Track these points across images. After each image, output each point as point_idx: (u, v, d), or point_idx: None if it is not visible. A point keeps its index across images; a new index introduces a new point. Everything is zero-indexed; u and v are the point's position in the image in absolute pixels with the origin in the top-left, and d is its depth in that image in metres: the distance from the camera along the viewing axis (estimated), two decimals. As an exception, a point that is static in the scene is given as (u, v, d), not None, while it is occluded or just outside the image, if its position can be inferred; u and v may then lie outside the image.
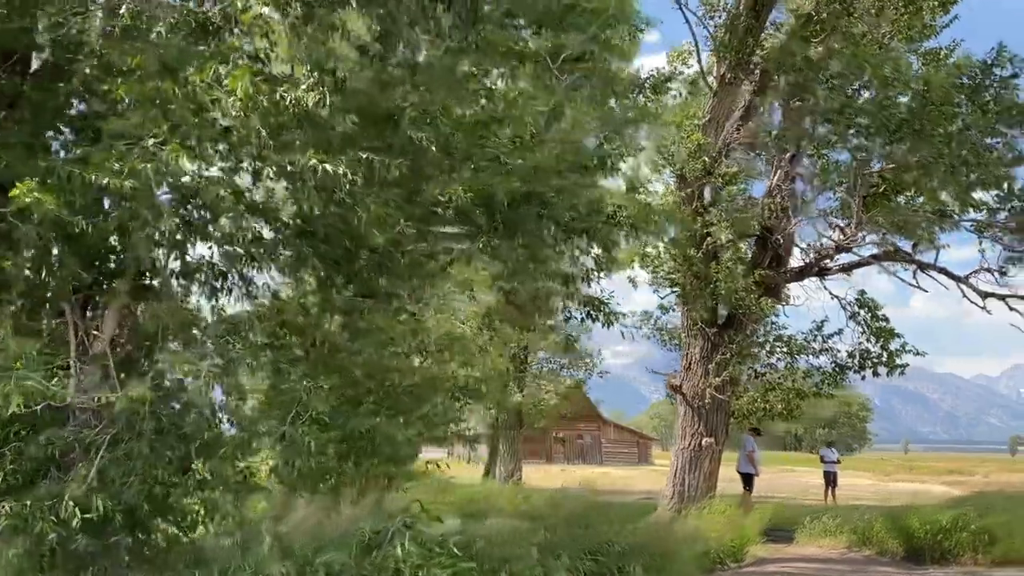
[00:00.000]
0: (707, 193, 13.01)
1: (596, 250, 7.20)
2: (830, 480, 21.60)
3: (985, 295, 10.93)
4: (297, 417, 6.60)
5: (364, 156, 5.58)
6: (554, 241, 6.47)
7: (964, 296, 11.06)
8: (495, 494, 16.81)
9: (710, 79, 12.76)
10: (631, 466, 58.91)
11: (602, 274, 7.36)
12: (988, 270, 10.91)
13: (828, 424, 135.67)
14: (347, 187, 5.79)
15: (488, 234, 6.25)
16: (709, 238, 12.03)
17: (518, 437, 16.71)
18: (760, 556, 10.41)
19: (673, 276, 12.27)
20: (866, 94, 10.19)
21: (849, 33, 10.81)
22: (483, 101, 6.43)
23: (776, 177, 12.24)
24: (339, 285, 7.09)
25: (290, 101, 4.62)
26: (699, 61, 12.46)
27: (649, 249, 12.48)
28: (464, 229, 6.39)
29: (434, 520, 5.91)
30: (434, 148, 6.10)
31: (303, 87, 4.72)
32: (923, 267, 11.41)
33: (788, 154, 12.09)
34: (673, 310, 13.06)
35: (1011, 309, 10.83)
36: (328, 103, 4.71)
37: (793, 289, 13.29)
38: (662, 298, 12.70)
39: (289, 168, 5.17)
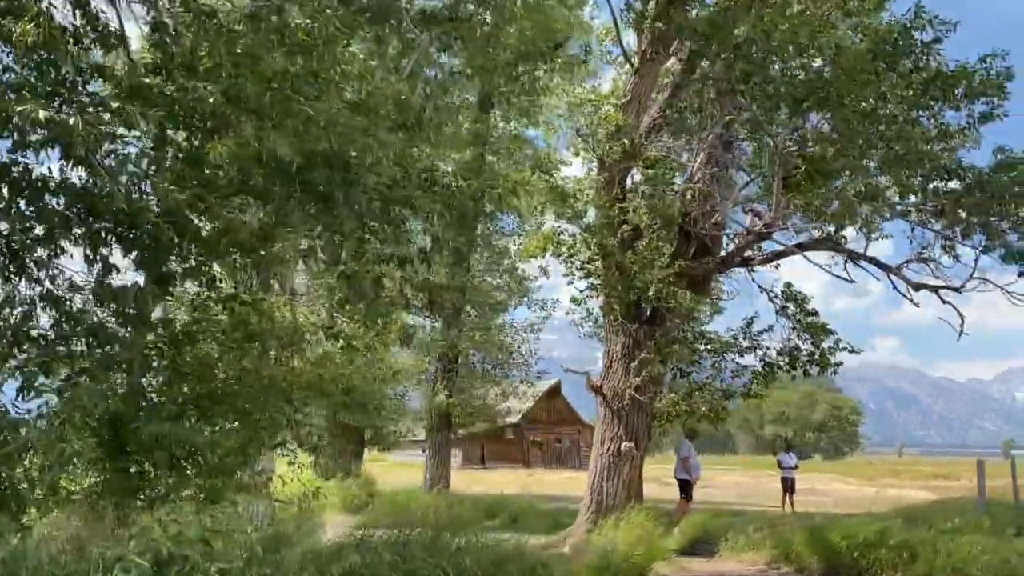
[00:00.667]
0: (633, 179, 12.11)
1: (436, 225, 6.25)
2: (788, 487, 20.62)
3: (917, 286, 10.01)
4: (67, 420, 5.67)
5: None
6: (369, 213, 5.50)
7: (894, 287, 10.15)
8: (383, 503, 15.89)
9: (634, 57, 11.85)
10: (610, 470, 57.95)
11: (442, 256, 6.38)
12: (922, 260, 9.99)
13: (818, 428, 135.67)
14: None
15: (278, 202, 5.29)
16: (625, 225, 11.10)
17: (447, 441, 15.72)
18: (663, 574, 9.47)
19: (589, 266, 11.32)
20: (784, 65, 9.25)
21: (785, 3, 9.90)
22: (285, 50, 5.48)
23: (699, 160, 11.31)
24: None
25: None
26: (618, 34, 11.54)
27: (564, 236, 11.54)
28: (245, 199, 5.43)
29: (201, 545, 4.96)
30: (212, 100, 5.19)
31: None
32: (853, 257, 10.49)
33: (710, 135, 11.16)
34: (585, 303, 12.11)
35: (944, 302, 9.93)
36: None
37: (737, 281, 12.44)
38: (581, 291, 11.74)
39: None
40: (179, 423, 6.38)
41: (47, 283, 6.06)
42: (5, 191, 5.47)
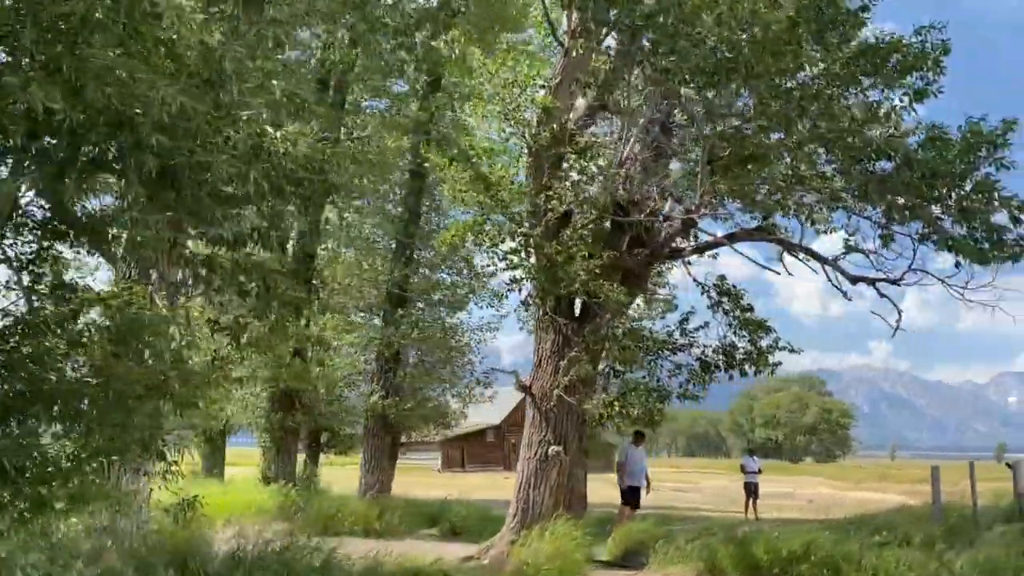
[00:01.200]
0: (564, 166, 11.38)
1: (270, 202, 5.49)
2: (751, 491, 19.92)
3: (854, 280, 9.31)
4: None
5: None
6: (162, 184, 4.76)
7: (829, 280, 9.44)
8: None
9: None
10: (592, 472, 57.25)
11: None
12: (857, 250, 9.28)
13: (809, 431, 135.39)
14: None
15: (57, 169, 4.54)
16: (551, 213, 10.38)
17: (384, 445, 14.96)
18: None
19: (512, 257, 10.60)
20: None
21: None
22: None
23: (630, 145, 10.59)
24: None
25: None
26: (544, 10, 10.83)
27: (488, 227, 10.80)
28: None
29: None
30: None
31: None
32: (789, 248, 9.78)
33: (643, 119, 10.44)
34: (507, 296, 11.39)
35: (881, 295, 9.21)
36: None
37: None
38: (507, 284, 10.99)
39: None
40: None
41: None
42: None
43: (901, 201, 8.11)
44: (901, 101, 8.00)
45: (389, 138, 12.98)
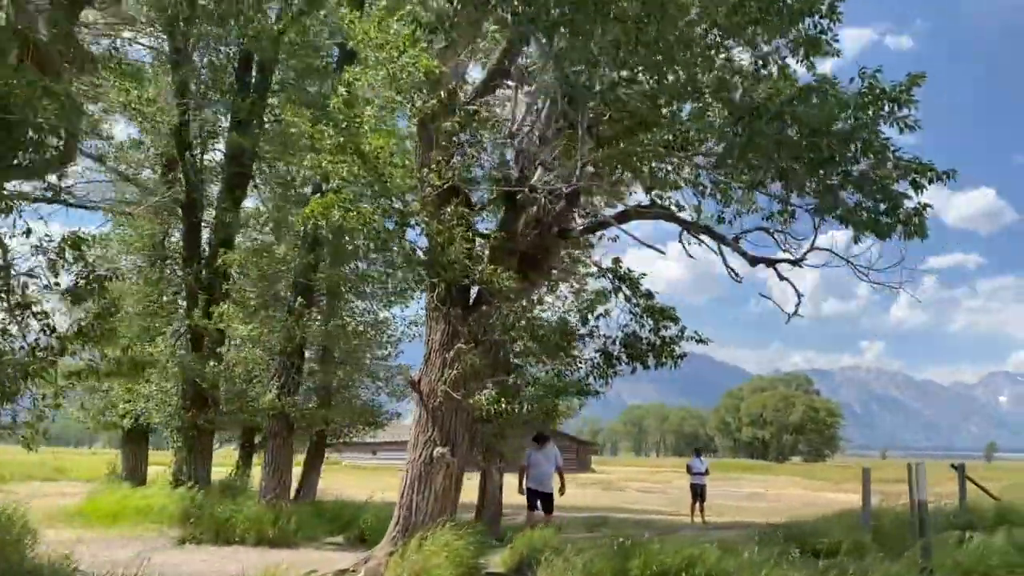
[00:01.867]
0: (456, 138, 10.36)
1: None
2: (697, 494, 18.92)
3: (753, 260, 8.31)
4: None
5: None
6: None
7: (726, 264, 8.42)
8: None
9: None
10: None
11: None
12: (765, 229, 8.30)
13: (796, 430, 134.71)
14: None
15: None
16: (430, 189, 9.36)
17: (286, 445, 13.91)
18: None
19: (384, 236, 9.57)
20: None
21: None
22: None
23: (523, 113, 9.59)
24: None
25: None
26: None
27: (364, 204, 9.76)
28: None
29: None
30: None
31: None
32: (690, 228, 8.77)
33: (536, 87, 9.44)
34: (385, 282, 10.35)
35: (781, 278, 8.22)
36: None
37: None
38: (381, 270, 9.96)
39: None
40: None
41: None
42: None
43: (784, 164, 7.10)
44: (795, 55, 7.02)
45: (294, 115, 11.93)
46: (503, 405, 9.87)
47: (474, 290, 10.35)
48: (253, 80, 17.45)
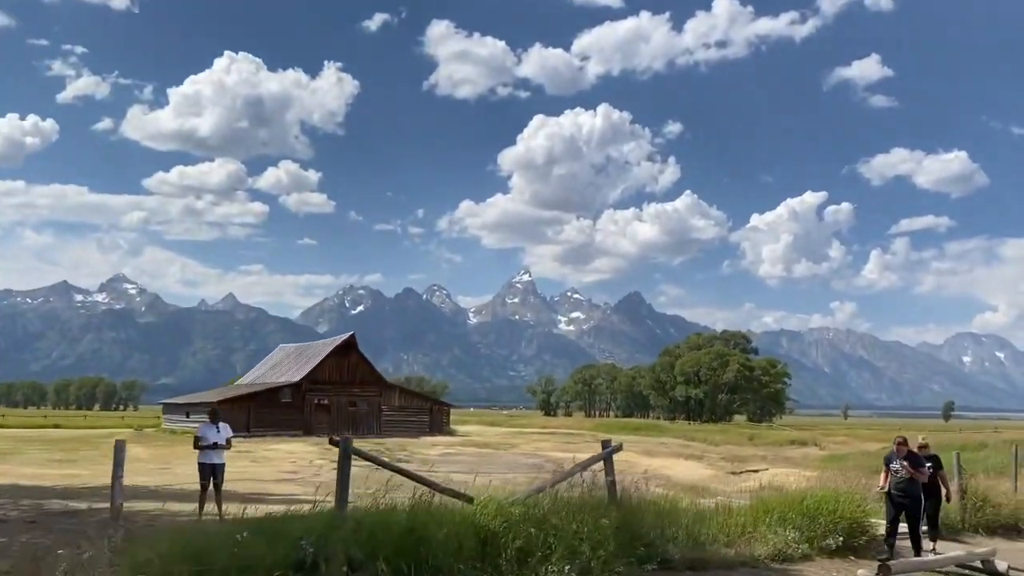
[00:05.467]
0: None
1: None
2: (208, 474, 12.21)
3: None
4: None
5: None
6: None
7: None
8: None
9: None
10: (414, 436, 50.40)
11: None
12: None
13: (731, 389, 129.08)
14: None
15: None
16: None
17: None
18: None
19: None
20: None
21: None
22: None
23: None
24: None
25: None
26: None
27: None
28: None
29: None
30: None
31: None
32: None
33: None
34: None
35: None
36: None
37: None
38: None
39: None
40: None
41: None
42: None
43: None
44: None
45: None
46: None
47: None
48: None
